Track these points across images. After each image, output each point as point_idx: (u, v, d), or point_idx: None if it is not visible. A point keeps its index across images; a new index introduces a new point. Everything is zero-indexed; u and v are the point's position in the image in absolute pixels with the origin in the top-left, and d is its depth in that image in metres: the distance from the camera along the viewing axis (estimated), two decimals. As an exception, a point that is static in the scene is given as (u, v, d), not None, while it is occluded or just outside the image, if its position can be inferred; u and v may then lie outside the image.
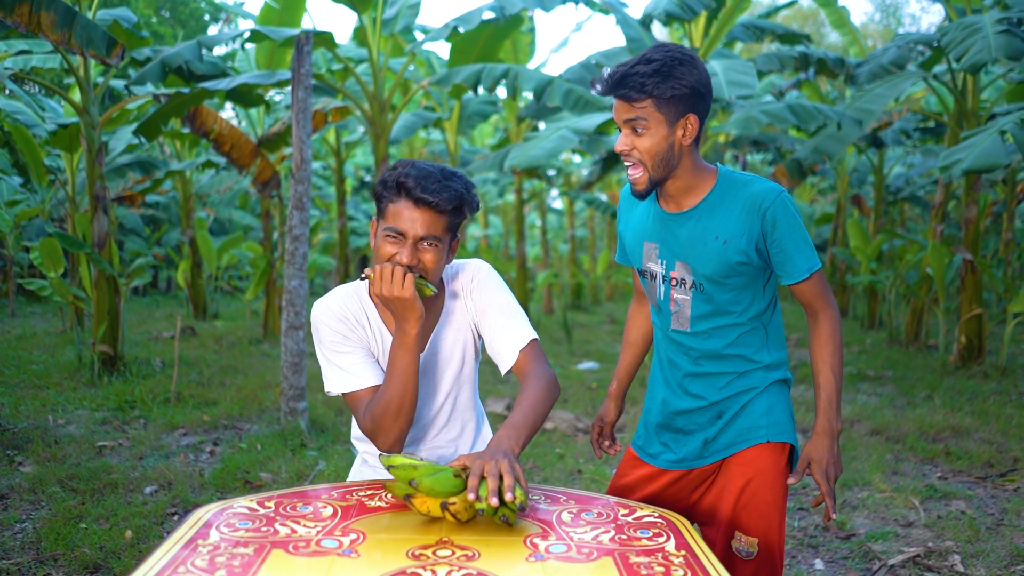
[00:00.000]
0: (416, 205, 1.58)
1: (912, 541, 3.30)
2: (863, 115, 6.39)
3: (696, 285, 1.80)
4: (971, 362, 7.04)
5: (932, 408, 5.59)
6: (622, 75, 1.64)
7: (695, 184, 1.77)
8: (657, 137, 1.67)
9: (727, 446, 1.85)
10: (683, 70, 1.64)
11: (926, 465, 4.39)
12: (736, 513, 1.81)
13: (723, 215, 1.74)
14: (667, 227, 1.81)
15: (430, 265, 1.62)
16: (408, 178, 1.57)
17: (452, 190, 1.59)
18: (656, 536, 1.34)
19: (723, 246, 1.73)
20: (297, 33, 4.94)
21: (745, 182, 1.75)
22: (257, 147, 7.18)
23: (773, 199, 1.71)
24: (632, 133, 1.68)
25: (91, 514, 3.33)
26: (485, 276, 1.79)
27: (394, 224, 1.59)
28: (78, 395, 5.52)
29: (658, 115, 1.66)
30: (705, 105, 1.70)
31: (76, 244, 6.02)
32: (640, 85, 1.63)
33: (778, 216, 1.71)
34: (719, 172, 1.78)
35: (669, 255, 1.82)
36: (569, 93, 5.44)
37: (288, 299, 4.88)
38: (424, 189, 1.56)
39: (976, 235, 7.07)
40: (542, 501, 1.51)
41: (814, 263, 1.75)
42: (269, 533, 1.29)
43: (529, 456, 4.42)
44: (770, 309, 1.86)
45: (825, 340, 1.79)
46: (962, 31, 5.61)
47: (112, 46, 4.96)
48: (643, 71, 1.63)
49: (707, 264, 1.76)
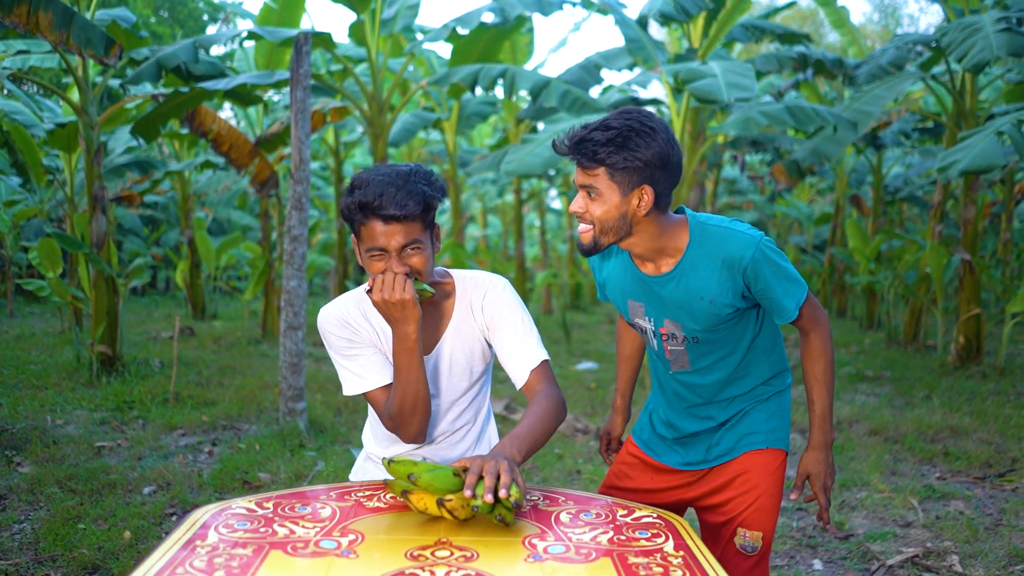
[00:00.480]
0: (386, 222, 1.56)
1: (911, 541, 3.31)
2: (861, 117, 6.39)
3: (688, 339, 1.80)
4: (969, 362, 7.05)
5: (931, 408, 5.60)
6: (579, 139, 1.61)
7: (665, 247, 1.72)
8: (608, 205, 1.62)
9: (728, 451, 1.90)
10: (639, 141, 1.58)
11: (925, 465, 4.40)
12: (740, 510, 1.86)
13: (704, 275, 1.71)
14: (649, 288, 1.79)
15: (421, 266, 1.62)
16: (368, 197, 1.55)
17: (414, 195, 1.57)
18: (655, 536, 1.35)
19: (709, 305, 1.72)
20: (295, 34, 4.94)
21: (720, 238, 1.69)
22: (255, 147, 7.18)
23: (751, 255, 1.66)
24: (587, 197, 1.64)
25: (90, 515, 3.33)
26: (500, 291, 1.77)
27: (372, 244, 1.59)
28: (77, 395, 5.52)
29: (611, 184, 1.61)
30: (667, 175, 1.64)
31: (74, 244, 6.02)
32: (592, 153, 1.59)
33: (759, 269, 1.68)
34: (690, 228, 1.72)
35: (656, 314, 1.81)
36: (566, 94, 5.44)
37: (287, 299, 4.88)
38: (388, 205, 1.55)
39: (974, 235, 7.08)
40: (540, 501, 1.51)
41: (800, 297, 1.73)
42: (268, 534, 1.29)
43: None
44: (767, 327, 1.88)
45: (817, 356, 1.81)
46: (962, 31, 5.61)
47: (110, 46, 4.96)
48: (598, 138, 1.59)
49: (696, 321, 1.75)
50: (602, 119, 1.63)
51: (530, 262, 18.81)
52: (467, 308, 1.77)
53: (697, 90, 4.61)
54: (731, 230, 1.70)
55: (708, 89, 4.49)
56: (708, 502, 1.92)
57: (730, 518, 1.86)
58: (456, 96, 8.26)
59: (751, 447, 1.87)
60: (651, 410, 2.06)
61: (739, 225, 1.72)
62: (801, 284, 1.74)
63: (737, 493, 1.86)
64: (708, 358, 1.83)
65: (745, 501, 1.86)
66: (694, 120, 6.96)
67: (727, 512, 1.87)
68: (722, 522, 1.87)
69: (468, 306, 1.77)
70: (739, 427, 1.89)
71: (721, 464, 1.91)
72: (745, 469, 1.87)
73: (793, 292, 1.73)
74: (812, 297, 1.77)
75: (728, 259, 1.68)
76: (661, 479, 1.98)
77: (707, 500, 1.92)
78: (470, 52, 7.33)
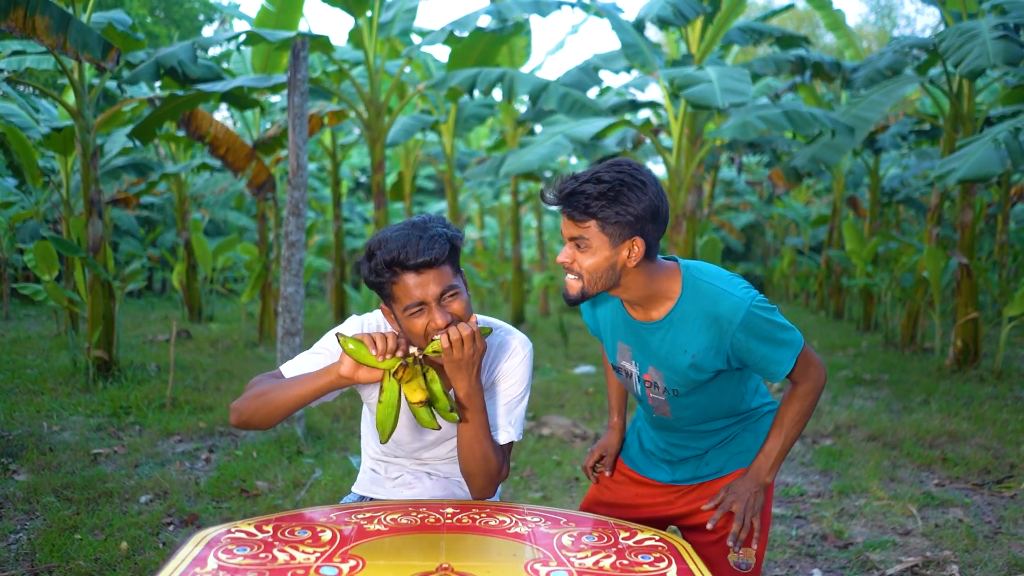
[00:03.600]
0: (418, 272, 1.55)
1: (910, 550, 3.30)
2: (859, 123, 6.39)
3: (669, 391, 1.79)
4: (967, 366, 7.06)
5: (929, 413, 5.60)
6: (570, 191, 1.59)
7: (655, 295, 1.70)
8: (599, 257, 1.61)
9: (719, 469, 1.91)
10: (631, 196, 1.56)
11: (923, 471, 4.39)
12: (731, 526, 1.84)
13: (692, 330, 1.69)
14: (637, 334, 1.78)
15: (461, 312, 1.60)
16: (393, 252, 1.54)
17: (438, 238, 1.56)
18: (657, 561, 1.34)
19: (692, 359, 1.70)
20: (293, 36, 4.92)
21: (711, 296, 1.67)
22: (253, 150, 7.16)
23: (741, 318, 1.64)
24: (576, 248, 1.63)
25: (86, 524, 3.31)
26: (521, 361, 1.77)
27: (410, 300, 1.56)
28: (73, 401, 5.49)
29: (602, 236, 1.59)
30: (657, 226, 1.63)
31: (70, 248, 6.00)
32: (584, 206, 1.57)
33: (749, 332, 1.65)
34: (683, 278, 1.70)
35: (642, 359, 1.80)
36: (565, 97, 5.43)
37: (284, 305, 4.86)
38: (417, 254, 1.53)
39: (972, 238, 7.09)
40: (542, 524, 1.50)
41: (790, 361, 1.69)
42: (267, 560, 1.27)
43: (527, 464, 4.41)
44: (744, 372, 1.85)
45: (794, 400, 1.77)
46: (959, 37, 5.62)
47: (107, 50, 4.94)
48: (590, 191, 1.57)
49: (678, 375, 1.74)
50: (592, 171, 1.61)
51: (527, 264, 18.79)
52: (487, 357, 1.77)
53: (692, 96, 4.60)
54: (722, 290, 1.67)
55: (703, 95, 4.48)
56: (697, 520, 1.90)
57: (722, 536, 1.84)
58: (454, 99, 8.25)
59: (742, 465, 1.88)
60: (639, 428, 2.06)
61: (731, 284, 1.69)
62: (793, 344, 1.69)
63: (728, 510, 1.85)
64: (688, 410, 1.83)
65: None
66: (691, 123, 6.95)
67: (718, 530, 1.85)
68: (712, 540, 1.86)
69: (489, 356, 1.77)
70: (729, 447, 1.90)
71: (710, 481, 1.91)
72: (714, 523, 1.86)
73: (782, 355, 1.69)
74: (808, 351, 1.73)
75: (717, 318, 1.65)
76: (646, 494, 1.98)
77: (695, 518, 1.91)
78: (467, 56, 7.32)
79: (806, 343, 1.73)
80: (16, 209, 10.09)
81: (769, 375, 1.72)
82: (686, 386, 1.75)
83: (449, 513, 1.55)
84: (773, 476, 1.79)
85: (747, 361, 1.70)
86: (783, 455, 1.79)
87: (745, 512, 1.76)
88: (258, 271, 8.99)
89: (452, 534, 1.44)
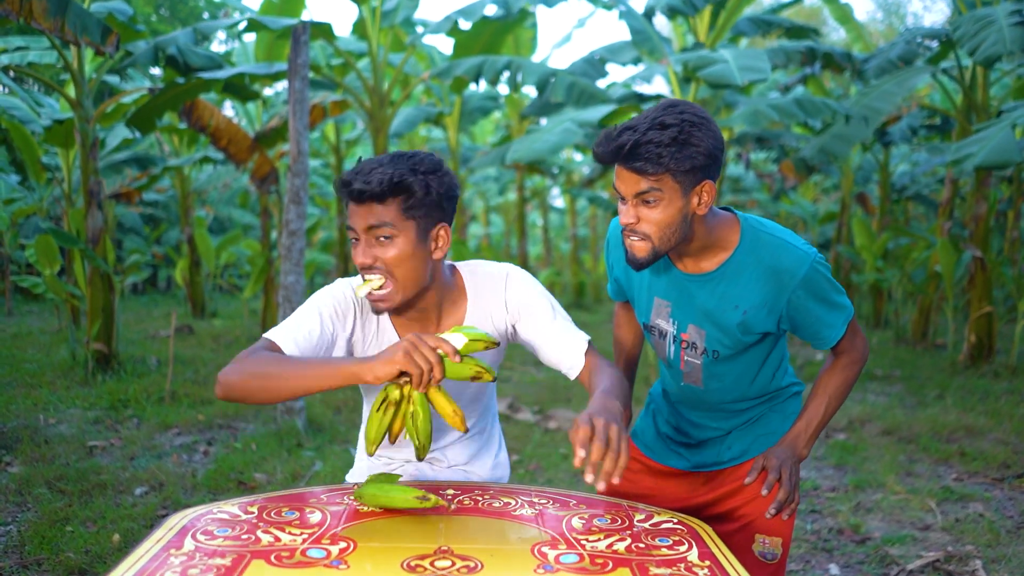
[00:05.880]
0: (357, 201, 1.44)
1: (930, 545, 3.18)
2: (871, 113, 6.25)
3: (708, 352, 1.65)
4: (981, 361, 6.92)
5: (944, 408, 5.47)
6: (634, 143, 1.43)
7: (712, 245, 1.58)
8: (672, 210, 1.47)
9: (743, 452, 1.78)
10: (699, 135, 1.43)
11: (940, 466, 4.27)
12: (757, 515, 1.73)
13: (746, 283, 1.56)
14: (681, 287, 1.64)
15: (389, 261, 1.44)
16: (346, 174, 1.45)
17: (384, 173, 1.42)
18: (677, 544, 1.22)
19: (743, 316, 1.57)
20: (295, 23, 4.82)
21: (772, 248, 1.55)
22: (255, 142, 7.06)
23: (804, 273, 1.52)
24: (641, 204, 1.48)
25: (78, 516, 3.21)
26: (519, 283, 1.63)
27: (349, 222, 1.48)
28: (71, 394, 5.40)
29: (674, 186, 1.46)
30: (719, 168, 1.52)
31: (70, 240, 5.91)
32: (656, 156, 1.42)
33: (809, 292, 1.54)
34: (742, 228, 1.58)
35: (681, 316, 1.66)
36: (572, 86, 5.32)
37: (284, 296, 4.76)
38: (352, 182, 1.43)
39: (986, 232, 6.95)
40: (550, 505, 1.39)
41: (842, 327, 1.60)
42: (250, 541, 1.17)
43: (532, 457, 4.30)
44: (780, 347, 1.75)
45: (837, 370, 1.68)
46: (975, 24, 5.48)
47: (107, 34, 4.84)
48: (659, 139, 1.42)
49: (722, 333, 1.61)
50: (647, 117, 1.47)
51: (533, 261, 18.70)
52: (483, 307, 1.62)
53: (710, 76, 4.46)
54: (786, 242, 1.56)
55: (721, 74, 4.34)
56: (720, 508, 1.79)
57: (746, 524, 1.73)
58: (458, 91, 8.14)
59: (767, 448, 1.75)
60: (654, 410, 1.93)
61: (794, 238, 1.58)
62: (846, 309, 1.60)
63: (753, 496, 1.73)
64: (720, 380, 1.71)
65: (763, 505, 1.72)
66: (701, 115, 6.81)
67: (743, 517, 1.74)
68: (736, 529, 1.74)
69: (485, 305, 1.62)
70: (754, 428, 1.78)
71: (733, 466, 1.79)
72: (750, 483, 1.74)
73: (835, 319, 1.59)
74: (855, 323, 1.63)
75: (778, 271, 1.53)
76: (665, 484, 1.86)
77: (718, 507, 1.79)
78: (472, 46, 7.20)
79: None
80: (19, 205, 10.02)
81: (819, 340, 1.61)
82: (729, 347, 1.63)
83: (449, 495, 1.44)
84: (810, 448, 1.68)
85: (800, 322, 1.59)
86: (822, 426, 1.68)
87: (790, 479, 1.62)
88: (261, 266, 8.90)
89: (452, 516, 1.33)
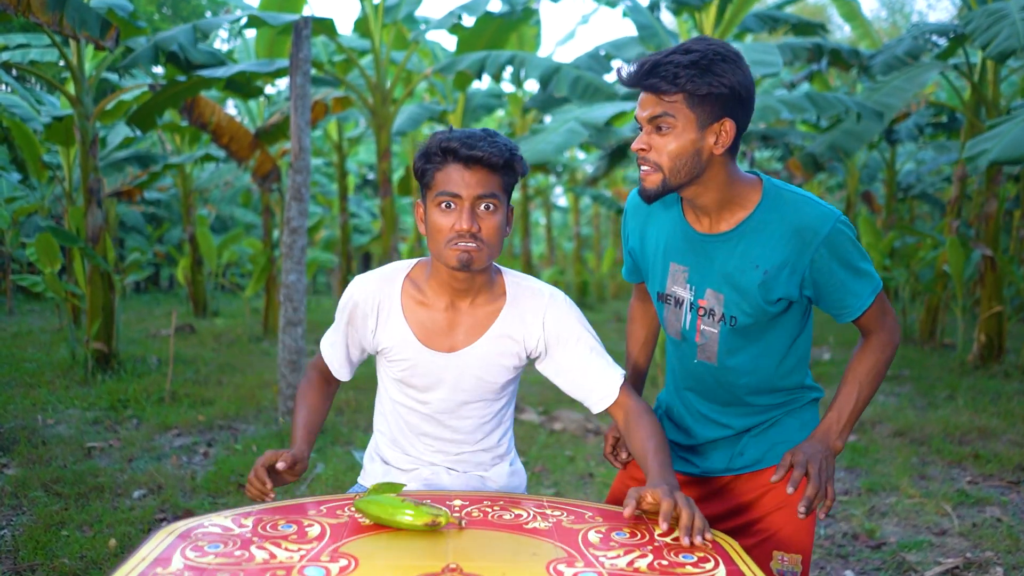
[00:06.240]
0: (467, 165, 1.46)
1: (948, 551, 3.10)
2: (882, 109, 6.16)
3: (725, 318, 1.56)
4: (991, 361, 6.82)
5: (955, 409, 5.38)
6: (653, 63, 1.40)
7: (732, 200, 1.50)
8: (683, 140, 1.41)
9: (756, 460, 1.67)
10: (725, 67, 1.38)
11: (954, 468, 4.18)
12: (775, 530, 1.62)
13: (767, 241, 1.48)
14: (699, 248, 1.56)
15: (490, 233, 1.48)
16: (452, 141, 1.46)
17: (500, 144, 1.48)
18: (702, 561, 1.14)
19: (763, 277, 1.49)
20: (296, 18, 4.75)
21: (795, 205, 1.48)
22: (256, 139, 6.99)
23: (828, 230, 1.45)
24: (655, 131, 1.43)
25: (74, 520, 3.14)
26: (564, 309, 1.62)
27: (445, 188, 1.46)
28: (70, 394, 5.33)
29: (688, 114, 1.40)
30: (745, 114, 1.46)
31: (69, 238, 5.84)
32: (672, 76, 1.38)
33: (833, 253, 1.46)
34: (764, 187, 1.51)
35: (699, 280, 1.57)
36: (577, 81, 5.23)
37: (286, 294, 4.68)
38: (472, 146, 1.45)
39: (996, 230, 6.85)
40: (564, 518, 1.31)
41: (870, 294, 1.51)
42: (243, 558, 1.09)
43: (538, 459, 4.22)
44: (805, 331, 1.65)
45: (868, 352, 1.58)
46: (987, 18, 5.39)
47: (106, 28, 4.77)
48: (678, 60, 1.38)
49: (742, 296, 1.52)
50: (678, 45, 1.43)
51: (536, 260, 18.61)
52: (518, 317, 1.60)
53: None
54: (810, 199, 1.49)
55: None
56: (733, 522, 1.67)
57: (763, 539, 1.62)
58: (462, 88, 8.06)
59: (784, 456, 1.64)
60: (663, 413, 1.84)
61: (816, 198, 1.50)
62: (873, 278, 1.51)
63: (771, 509, 1.63)
64: (739, 355, 1.59)
65: (781, 519, 1.61)
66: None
67: (760, 532, 1.63)
68: (752, 544, 1.62)
69: (520, 315, 1.60)
70: (769, 434, 1.67)
71: (747, 475, 1.68)
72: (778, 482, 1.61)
73: (862, 287, 1.50)
74: (884, 298, 1.54)
75: (800, 229, 1.45)
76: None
77: (732, 520, 1.68)
78: (476, 43, 7.12)
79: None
80: (20, 203, 9.96)
81: (844, 310, 1.52)
82: (749, 314, 1.53)
83: (457, 506, 1.36)
84: (844, 439, 1.57)
85: (823, 287, 1.50)
86: (856, 416, 1.57)
87: (820, 473, 1.51)
88: (263, 264, 8.84)
89: (461, 530, 1.25)
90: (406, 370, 1.60)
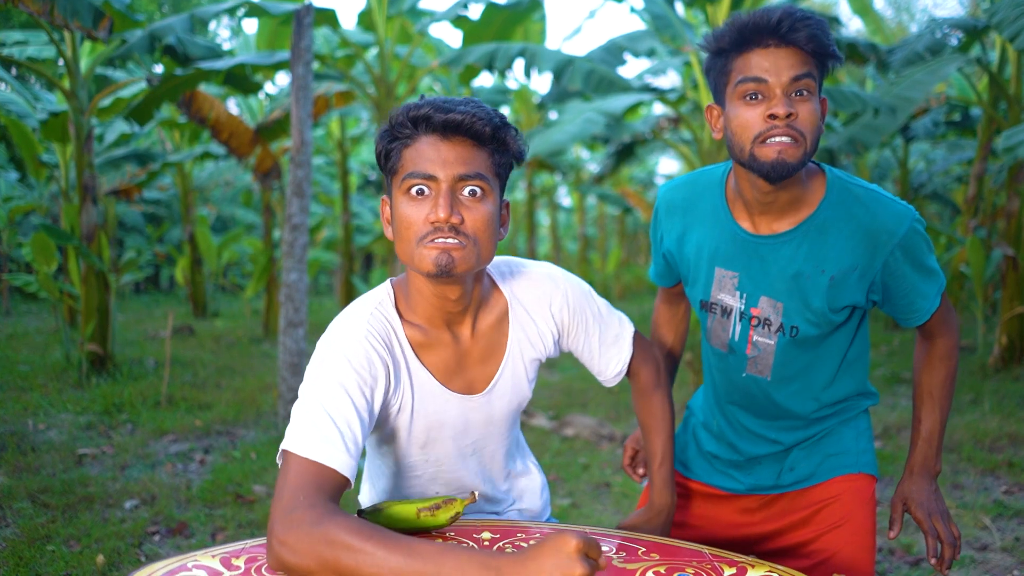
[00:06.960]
0: (444, 135, 1.10)
1: (992, 567, 2.90)
2: (902, 103, 5.96)
3: (784, 329, 1.38)
4: (1013, 363, 6.63)
5: (982, 414, 5.18)
6: (793, 14, 1.20)
7: (799, 194, 1.33)
8: (816, 106, 1.25)
9: (809, 475, 1.51)
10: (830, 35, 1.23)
11: (987, 477, 3.99)
12: (834, 550, 1.46)
13: (835, 243, 1.31)
14: (751, 252, 1.38)
15: (477, 226, 1.11)
16: (423, 107, 1.10)
17: (487, 110, 1.13)
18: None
19: (830, 282, 1.32)
20: (297, 7, 4.56)
21: (867, 203, 1.31)
22: (256, 135, 6.80)
23: (904, 231, 1.29)
24: (796, 97, 1.23)
25: (60, 534, 2.94)
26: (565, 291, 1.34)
27: (414, 168, 1.09)
28: (63, 397, 5.14)
29: (817, 81, 1.25)
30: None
31: (63, 236, 5.66)
32: (822, 32, 1.20)
33: (907, 254, 1.31)
34: (828, 180, 1.34)
35: (752, 288, 1.39)
36: (591, 74, 5.04)
37: (287, 294, 4.49)
38: (449, 110, 1.09)
39: (1017, 229, 6.66)
40: (615, 555, 1.11)
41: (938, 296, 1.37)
42: (233, 612, 0.89)
43: (551, 467, 4.02)
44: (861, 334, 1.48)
45: (937, 364, 1.43)
46: (1014, 9, 5.18)
47: (99, 19, 4.59)
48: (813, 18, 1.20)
49: (804, 305, 1.35)
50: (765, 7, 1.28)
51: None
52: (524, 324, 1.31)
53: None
54: (881, 196, 1.31)
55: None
56: (784, 542, 1.52)
57: (820, 561, 1.46)
58: (467, 83, 7.87)
59: (841, 471, 1.49)
60: (696, 423, 1.65)
61: (888, 194, 1.33)
62: (939, 276, 1.36)
63: (827, 528, 1.47)
64: (795, 364, 1.42)
65: (839, 538, 1.46)
66: (721, 107, 6.54)
67: (816, 553, 1.47)
68: (809, 567, 1.47)
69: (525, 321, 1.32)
70: (822, 446, 1.50)
71: (798, 491, 1.51)
72: (834, 497, 1.48)
73: (929, 287, 1.35)
74: (946, 296, 1.39)
75: (875, 231, 1.28)
76: (713, 510, 1.58)
77: (782, 539, 1.52)
78: (481, 37, 6.92)
79: None
80: (17, 202, 9.79)
81: (912, 314, 1.37)
82: (813, 323, 1.36)
83: (486, 540, 1.16)
84: (941, 463, 1.44)
85: (894, 291, 1.34)
86: (942, 434, 1.43)
87: (935, 521, 1.38)
88: (263, 264, 8.66)
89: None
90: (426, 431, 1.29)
